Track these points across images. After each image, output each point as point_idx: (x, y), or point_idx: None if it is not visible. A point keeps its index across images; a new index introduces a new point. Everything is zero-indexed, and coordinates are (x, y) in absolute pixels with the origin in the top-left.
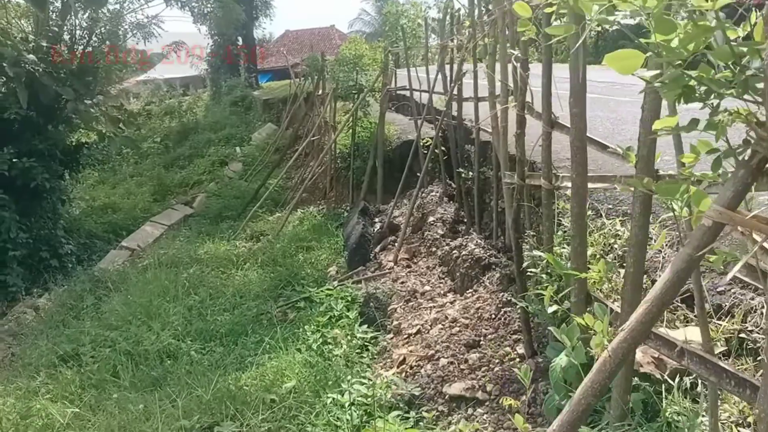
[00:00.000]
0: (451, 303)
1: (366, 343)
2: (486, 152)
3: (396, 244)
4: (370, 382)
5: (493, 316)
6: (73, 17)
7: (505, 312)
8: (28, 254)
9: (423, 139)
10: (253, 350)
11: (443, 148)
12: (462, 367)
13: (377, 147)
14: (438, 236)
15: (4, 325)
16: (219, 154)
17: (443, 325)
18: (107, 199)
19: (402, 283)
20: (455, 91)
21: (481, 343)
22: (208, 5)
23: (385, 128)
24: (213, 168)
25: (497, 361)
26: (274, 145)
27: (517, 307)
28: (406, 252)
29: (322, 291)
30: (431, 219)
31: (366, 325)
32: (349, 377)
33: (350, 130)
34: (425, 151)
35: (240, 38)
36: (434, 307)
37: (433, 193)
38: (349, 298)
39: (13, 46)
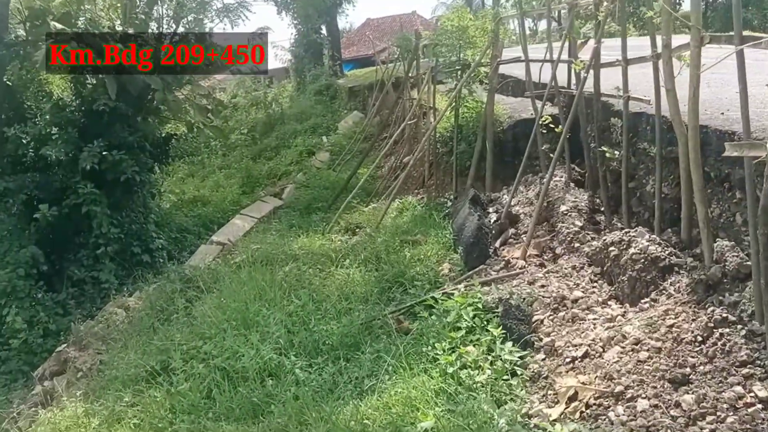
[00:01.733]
0: (623, 316)
1: (514, 367)
2: (637, 126)
3: (523, 237)
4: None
5: (699, 338)
6: (159, 5)
7: (719, 334)
8: (120, 249)
9: (542, 118)
10: (369, 369)
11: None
12: (673, 413)
13: (486, 128)
14: (576, 228)
15: (94, 326)
16: (306, 144)
17: (622, 347)
18: (197, 192)
19: (542, 286)
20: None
21: (692, 378)
22: None
23: (494, 107)
24: (300, 158)
25: (726, 406)
26: (361, 134)
27: (741, 327)
28: (534, 247)
29: (441, 295)
30: (563, 208)
31: (510, 343)
32: (503, 419)
33: (453, 112)
34: (544, 131)
35: (323, 27)
36: (599, 320)
37: (557, 179)
38: (480, 305)
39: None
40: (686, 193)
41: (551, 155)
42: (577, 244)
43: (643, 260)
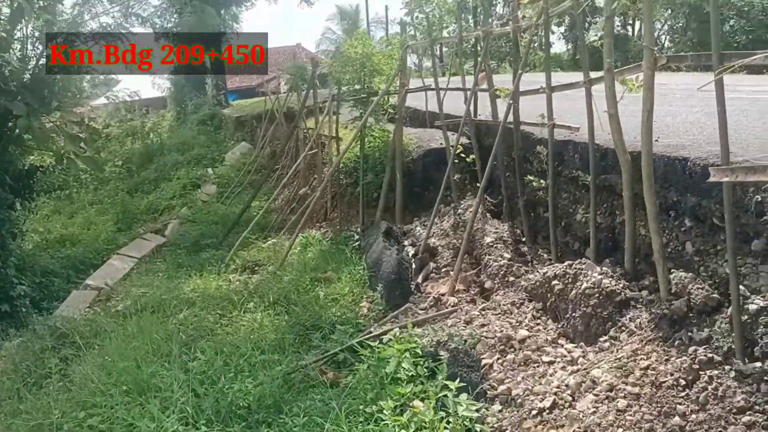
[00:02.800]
0: (584, 357)
1: (474, 424)
2: (563, 155)
3: (444, 271)
4: None
5: (683, 381)
6: (24, 24)
7: (708, 377)
8: None
9: (454, 147)
10: None
11: (473, 158)
12: None
13: (395, 158)
14: (505, 261)
15: None
16: (189, 177)
17: (595, 395)
18: (64, 231)
19: (482, 326)
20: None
21: (686, 429)
22: (172, 20)
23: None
24: (184, 192)
25: None
26: (251, 165)
27: (729, 369)
28: (461, 282)
29: (370, 339)
30: (488, 240)
31: (465, 395)
32: None
33: (358, 142)
34: (456, 161)
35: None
36: (557, 362)
37: (470, 211)
38: (418, 350)
39: None
40: (630, 223)
41: (466, 185)
42: (511, 278)
43: (597, 295)
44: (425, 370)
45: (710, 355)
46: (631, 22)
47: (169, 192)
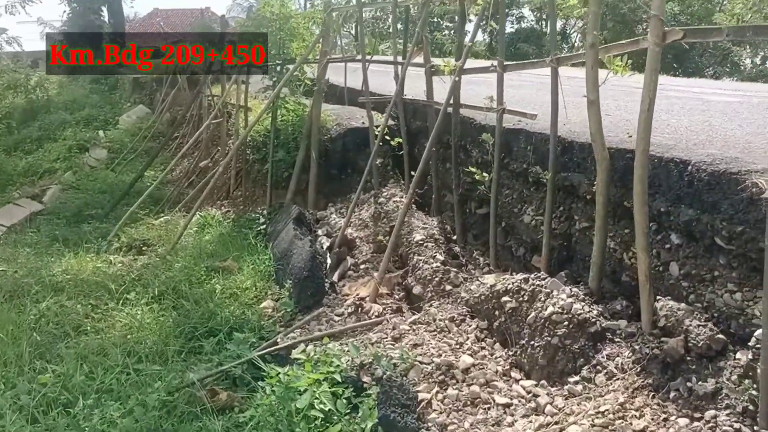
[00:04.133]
0: (551, 403)
1: None
2: (511, 145)
3: (363, 269)
4: None
5: None
6: None
7: None
8: None
9: (379, 128)
10: None
11: (399, 142)
12: None
13: (311, 135)
14: (437, 264)
15: None
16: (77, 138)
17: None
18: None
19: (415, 345)
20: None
21: None
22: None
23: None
24: (70, 155)
25: None
26: (148, 131)
27: None
28: (385, 284)
29: (276, 351)
30: (417, 237)
31: None
32: None
33: (269, 114)
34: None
35: (104, 8)
36: (515, 406)
37: (396, 199)
38: (338, 375)
39: None
40: (601, 233)
41: (388, 171)
42: (447, 287)
43: (567, 323)
44: (344, 403)
45: (737, 426)
46: (545, 17)
47: (52, 153)
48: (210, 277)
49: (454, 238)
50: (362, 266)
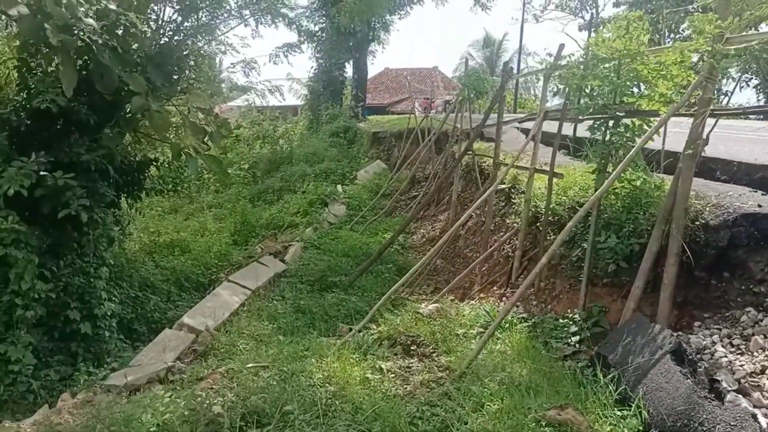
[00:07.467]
0: None
1: None
2: None
3: None
4: None
5: None
6: None
7: None
8: (47, 313)
9: None
10: None
11: None
12: None
13: (671, 219)
14: None
15: None
16: (317, 192)
17: None
18: (176, 235)
19: None
20: None
21: None
22: (320, 22)
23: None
24: (309, 208)
25: None
26: (387, 188)
27: None
28: None
29: None
30: None
31: None
32: None
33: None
34: None
35: (348, 64)
36: None
37: None
38: None
39: (67, 5)
40: None
41: None
42: None
43: None
44: None
45: None
46: None
47: (293, 206)
48: None
49: None
50: None
